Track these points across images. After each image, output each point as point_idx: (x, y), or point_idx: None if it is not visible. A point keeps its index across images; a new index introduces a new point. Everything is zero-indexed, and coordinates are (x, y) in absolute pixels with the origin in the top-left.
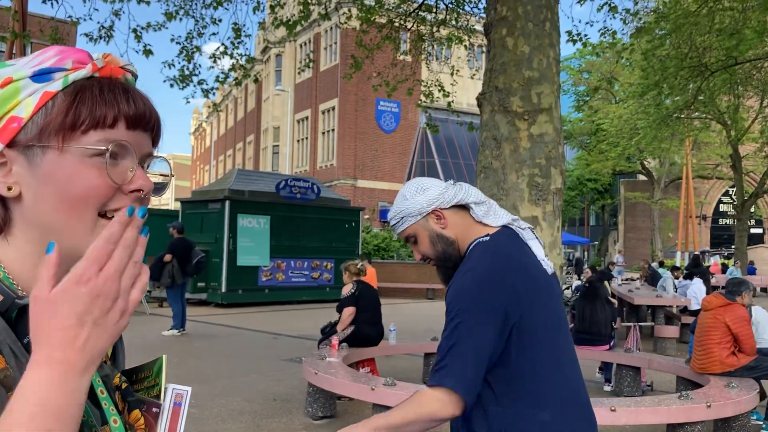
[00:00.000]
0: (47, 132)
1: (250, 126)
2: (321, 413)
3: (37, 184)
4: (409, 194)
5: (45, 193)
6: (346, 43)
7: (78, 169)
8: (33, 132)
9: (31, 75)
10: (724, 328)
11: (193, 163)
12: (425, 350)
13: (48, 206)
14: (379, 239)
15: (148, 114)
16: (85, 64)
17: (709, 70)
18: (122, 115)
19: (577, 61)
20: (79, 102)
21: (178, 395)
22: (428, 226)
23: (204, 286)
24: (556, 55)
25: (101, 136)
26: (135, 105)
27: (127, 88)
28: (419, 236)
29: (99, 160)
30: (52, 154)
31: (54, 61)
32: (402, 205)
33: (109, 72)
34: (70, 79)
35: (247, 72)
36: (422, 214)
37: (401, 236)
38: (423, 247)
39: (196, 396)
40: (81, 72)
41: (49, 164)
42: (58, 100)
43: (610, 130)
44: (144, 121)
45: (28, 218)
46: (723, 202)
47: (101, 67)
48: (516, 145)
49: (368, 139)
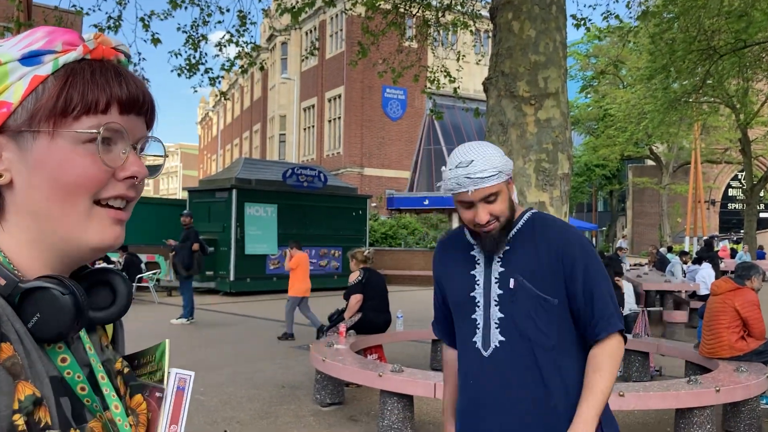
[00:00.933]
0: (38, 117)
1: (256, 115)
2: (329, 400)
3: (28, 171)
4: (500, 155)
5: (37, 181)
6: (351, 30)
7: (70, 156)
8: (23, 117)
9: (19, 58)
10: (733, 312)
11: (201, 152)
12: (432, 337)
13: (40, 194)
14: (387, 227)
15: (142, 97)
16: (75, 46)
17: (718, 53)
18: (115, 99)
19: (584, 46)
20: (70, 86)
21: (181, 380)
22: (508, 190)
23: (212, 274)
24: (562, 38)
25: (94, 122)
26: (128, 89)
27: (120, 71)
28: (501, 196)
29: (91, 146)
30: (43, 140)
31: (43, 42)
32: (499, 161)
33: (101, 54)
34: (61, 62)
35: (252, 60)
36: (508, 177)
37: (485, 191)
38: (499, 207)
39: (204, 384)
40: (71, 54)
41: (40, 150)
42: (48, 84)
43: (618, 115)
44: (137, 105)
45: (20, 206)
46: (732, 186)
47: (93, 48)
48: (523, 130)
49: (375, 127)
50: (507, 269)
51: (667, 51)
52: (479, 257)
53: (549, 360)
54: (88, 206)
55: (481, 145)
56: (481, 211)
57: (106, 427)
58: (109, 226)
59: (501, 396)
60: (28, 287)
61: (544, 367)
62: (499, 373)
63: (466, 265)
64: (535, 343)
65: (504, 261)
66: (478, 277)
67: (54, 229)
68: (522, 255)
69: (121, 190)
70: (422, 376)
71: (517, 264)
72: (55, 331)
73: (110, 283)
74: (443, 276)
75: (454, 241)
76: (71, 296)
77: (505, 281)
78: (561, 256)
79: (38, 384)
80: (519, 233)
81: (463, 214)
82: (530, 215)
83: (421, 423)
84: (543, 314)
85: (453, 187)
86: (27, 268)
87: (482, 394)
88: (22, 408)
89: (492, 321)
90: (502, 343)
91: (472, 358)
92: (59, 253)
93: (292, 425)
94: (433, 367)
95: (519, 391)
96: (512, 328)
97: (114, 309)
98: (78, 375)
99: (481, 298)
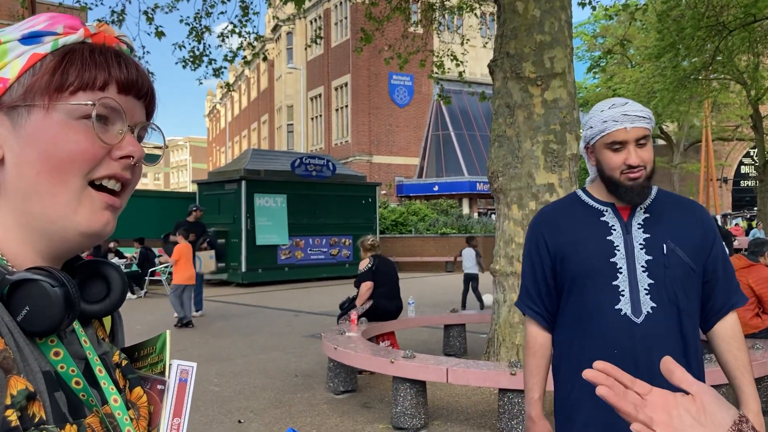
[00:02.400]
0: (33, 92)
1: (263, 106)
2: (342, 388)
3: (20, 146)
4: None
5: (28, 155)
6: (356, 17)
7: (64, 130)
8: (18, 92)
9: (19, 38)
10: (748, 289)
11: (209, 145)
12: (444, 322)
13: (31, 170)
14: (397, 214)
15: (141, 81)
16: (76, 30)
17: (727, 28)
18: (113, 78)
19: (591, 26)
20: (67, 63)
21: (183, 371)
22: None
23: (224, 266)
24: (567, 17)
25: (90, 98)
26: (127, 70)
27: (120, 53)
28: (649, 143)
29: (87, 123)
30: (37, 114)
31: (45, 25)
32: (648, 111)
33: (103, 39)
34: (60, 42)
35: (256, 51)
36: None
37: (641, 131)
38: (648, 154)
39: (218, 374)
40: (72, 36)
41: (34, 125)
42: (46, 61)
43: (626, 94)
44: (136, 87)
45: (10, 184)
46: (744, 163)
47: (94, 33)
48: (530, 111)
49: (382, 114)
50: (654, 236)
51: (675, 29)
52: (613, 223)
53: (690, 326)
54: (80, 186)
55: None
56: (633, 152)
57: (104, 422)
58: (99, 210)
59: (651, 363)
60: (16, 279)
61: (688, 334)
62: (652, 340)
63: (599, 231)
64: (682, 309)
65: (647, 228)
66: (617, 243)
67: (43, 208)
68: (668, 223)
69: (116, 169)
70: (435, 362)
71: (665, 231)
72: (46, 325)
73: (104, 275)
74: (563, 243)
75: (569, 208)
76: (61, 288)
77: (653, 247)
78: (704, 227)
79: (31, 378)
80: (656, 203)
81: (611, 158)
82: (658, 188)
83: (435, 408)
84: (689, 281)
85: (607, 127)
86: (16, 258)
87: (638, 363)
88: (15, 403)
89: (641, 287)
90: (654, 309)
91: (618, 328)
92: (48, 239)
93: (306, 413)
94: (446, 352)
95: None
96: (663, 294)
97: (108, 302)
98: (72, 369)
99: (623, 264)
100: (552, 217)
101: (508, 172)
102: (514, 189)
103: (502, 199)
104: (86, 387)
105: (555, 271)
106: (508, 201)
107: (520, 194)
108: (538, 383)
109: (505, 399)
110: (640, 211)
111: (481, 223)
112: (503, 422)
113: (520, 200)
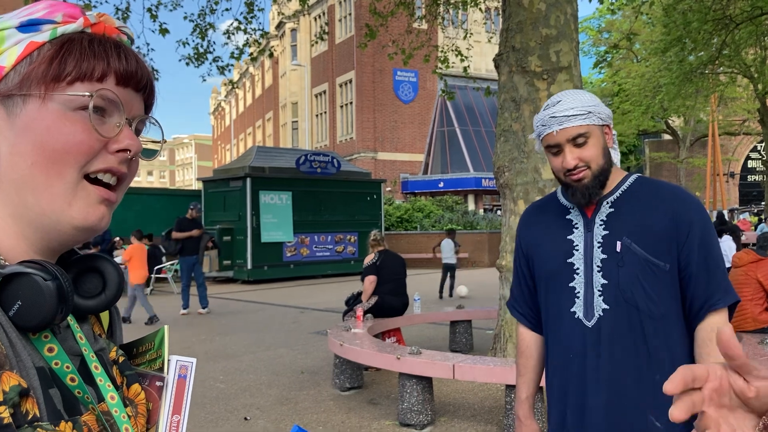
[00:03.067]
0: (29, 81)
1: (268, 103)
2: (348, 384)
3: (15, 136)
4: (594, 98)
5: (23, 146)
6: (360, 13)
7: (60, 121)
8: (14, 81)
9: (17, 25)
10: (756, 284)
11: (214, 143)
12: (450, 318)
13: (25, 160)
14: (402, 211)
15: (140, 73)
16: (76, 18)
17: (734, 22)
18: (112, 69)
19: (596, 21)
20: (65, 52)
21: (182, 367)
22: (602, 136)
23: (230, 263)
24: (573, 11)
25: (88, 89)
26: (127, 61)
27: (120, 44)
28: (591, 139)
29: (83, 114)
30: (33, 104)
31: (43, 13)
32: (591, 101)
33: (103, 30)
34: (59, 31)
35: (262, 47)
36: (603, 122)
37: (571, 131)
38: (590, 151)
39: (224, 371)
40: (71, 26)
41: (29, 115)
42: (44, 50)
43: (632, 89)
44: (135, 79)
45: (4, 174)
46: (751, 158)
47: (94, 23)
48: (536, 105)
49: (387, 111)
50: (612, 232)
51: (681, 22)
52: (577, 221)
53: (657, 330)
54: (76, 179)
55: (577, 91)
56: (568, 154)
57: (101, 420)
58: (94, 203)
59: (606, 369)
60: (7, 273)
61: (652, 337)
62: (603, 345)
63: (562, 230)
64: (642, 311)
65: (608, 224)
66: (576, 242)
67: (36, 200)
68: (629, 216)
69: (113, 163)
70: (441, 358)
71: (623, 226)
72: (38, 319)
73: (100, 269)
74: (531, 244)
75: (546, 206)
76: (54, 282)
77: (609, 245)
78: (676, 218)
79: (24, 374)
80: (625, 195)
81: (552, 162)
82: (636, 177)
83: (441, 405)
84: (652, 280)
85: (540, 131)
86: (9, 251)
87: (587, 368)
88: (7, 399)
89: (595, 288)
90: (606, 312)
91: (572, 331)
92: (42, 231)
93: (312, 410)
94: (452, 348)
95: (623, 364)
96: (617, 294)
97: (104, 297)
98: (67, 365)
99: (581, 264)
100: (527, 218)
101: (514, 167)
102: (520, 184)
103: (508, 195)
104: (82, 384)
105: (531, 272)
106: (514, 196)
107: (527, 189)
108: (525, 383)
109: (512, 395)
110: (606, 206)
111: (486, 219)
112: (510, 418)
113: (527, 195)
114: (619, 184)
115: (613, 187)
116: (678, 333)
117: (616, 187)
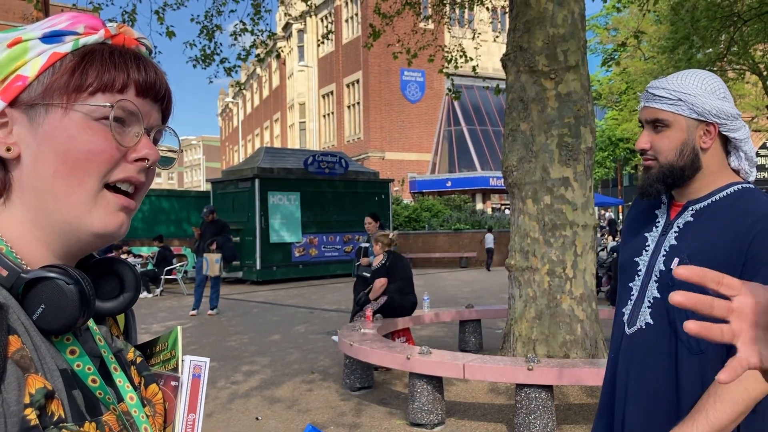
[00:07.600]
0: (52, 91)
1: (275, 104)
2: (358, 384)
3: (37, 144)
4: (703, 87)
5: (45, 155)
6: (367, 14)
7: (81, 130)
8: (37, 91)
9: (41, 36)
10: None
11: (222, 144)
12: (460, 318)
13: (47, 168)
14: (410, 210)
15: (159, 84)
16: (97, 30)
17: (742, 18)
18: (132, 80)
19: (603, 19)
20: (87, 63)
21: (196, 367)
22: (691, 132)
23: (239, 264)
24: (581, 10)
25: (109, 100)
26: (146, 72)
27: (139, 55)
28: (671, 130)
29: (104, 124)
30: (55, 113)
31: (66, 24)
32: (687, 89)
33: (123, 41)
34: (81, 42)
35: (269, 49)
36: (699, 116)
37: (653, 112)
38: (663, 143)
39: (235, 372)
40: (93, 37)
41: (52, 124)
42: (66, 60)
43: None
44: (154, 90)
45: (26, 182)
46: (760, 155)
47: (114, 34)
48: (543, 105)
49: (394, 111)
50: (680, 244)
51: (689, 20)
52: (660, 219)
53: (692, 367)
54: (96, 188)
55: (702, 75)
56: (642, 135)
57: (121, 419)
58: (114, 211)
59: (634, 387)
60: (31, 277)
61: (685, 374)
62: (634, 361)
63: (646, 224)
64: (682, 341)
65: (681, 233)
66: (649, 242)
67: (57, 208)
68: (700, 232)
69: (132, 172)
70: (451, 358)
71: (690, 241)
72: (62, 323)
73: (117, 272)
74: (625, 228)
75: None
76: (76, 286)
77: (671, 258)
78: (750, 242)
79: (49, 377)
80: (713, 205)
81: None
82: (739, 188)
83: (451, 404)
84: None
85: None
86: (31, 257)
87: (617, 373)
88: (34, 402)
89: (646, 298)
90: (648, 326)
91: (618, 329)
92: (62, 238)
93: (323, 410)
94: (462, 348)
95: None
96: (663, 314)
97: (122, 299)
98: (88, 367)
99: (643, 268)
100: (635, 201)
101: (522, 167)
102: (528, 183)
103: (516, 194)
104: (102, 385)
105: None
106: (522, 195)
107: (535, 188)
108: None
109: (522, 394)
110: (689, 212)
111: (494, 218)
112: (520, 417)
113: (535, 194)
114: (716, 191)
115: (707, 192)
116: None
117: (710, 193)
